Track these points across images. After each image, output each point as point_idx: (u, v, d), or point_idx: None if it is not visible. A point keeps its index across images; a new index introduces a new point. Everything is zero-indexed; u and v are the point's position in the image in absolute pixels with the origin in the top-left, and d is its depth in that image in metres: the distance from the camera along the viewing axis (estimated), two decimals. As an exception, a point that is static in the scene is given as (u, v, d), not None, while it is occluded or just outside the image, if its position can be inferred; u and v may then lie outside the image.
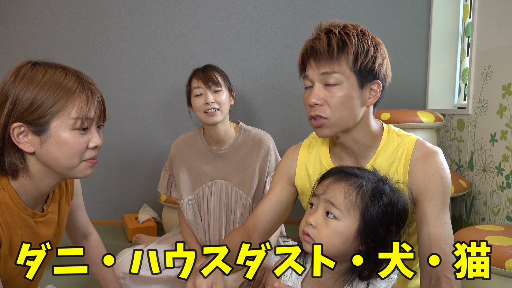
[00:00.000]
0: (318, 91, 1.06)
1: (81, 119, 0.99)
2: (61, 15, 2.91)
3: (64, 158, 0.99)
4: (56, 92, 0.96)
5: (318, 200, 0.93)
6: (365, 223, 0.88)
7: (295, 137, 2.97)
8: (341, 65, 1.05)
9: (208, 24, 2.97)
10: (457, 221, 2.74)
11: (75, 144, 0.99)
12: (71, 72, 1.01)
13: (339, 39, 1.05)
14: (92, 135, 1.03)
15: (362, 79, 1.06)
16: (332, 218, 0.89)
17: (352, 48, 1.04)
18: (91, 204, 3.04)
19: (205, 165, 1.85)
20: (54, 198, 1.14)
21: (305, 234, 0.91)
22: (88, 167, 1.04)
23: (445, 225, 1.06)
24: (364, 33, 1.08)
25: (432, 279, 1.03)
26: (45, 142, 0.97)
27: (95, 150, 1.04)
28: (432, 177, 1.08)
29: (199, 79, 1.76)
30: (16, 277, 1.06)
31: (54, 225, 1.13)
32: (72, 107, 0.97)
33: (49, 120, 0.96)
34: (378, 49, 1.08)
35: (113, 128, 2.97)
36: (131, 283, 1.71)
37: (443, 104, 3.04)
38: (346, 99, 1.06)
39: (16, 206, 1.00)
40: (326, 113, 1.07)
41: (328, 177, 0.95)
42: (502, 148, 2.32)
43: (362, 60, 1.05)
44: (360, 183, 0.91)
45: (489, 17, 2.45)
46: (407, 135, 1.16)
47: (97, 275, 1.39)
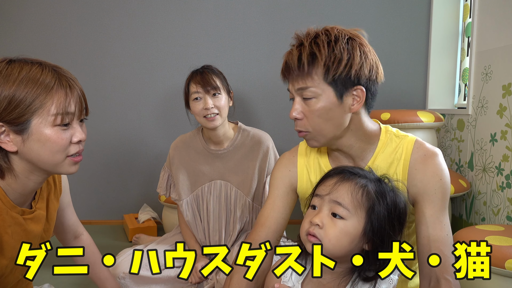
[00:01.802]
0: (297, 105, 1.07)
1: (61, 115, 0.97)
2: (61, 15, 2.91)
3: (48, 155, 0.99)
4: (33, 90, 0.95)
5: (321, 200, 0.92)
6: (372, 222, 0.89)
7: (295, 137, 2.95)
8: (313, 79, 1.03)
9: (208, 24, 2.97)
10: (457, 221, 2.74)
11: (58, 140, 0.98)
12: (47, 68, 1.00)
13: (309, 53, 1.03)
14: (75, 130, 1.01)
15: (340, 88, 1.04)
16: (339, 218, 0.89)
17: (322, 60, 1.02)
18: (91, 204, 3.04)
19: (204, 165, 1.85)
20: (42, 194, 1.14)
21: (310, 235, 0.90)
22: (71, 164, 1.03)
23: (444, 226, 1.06)
24: (337, 40, 1.03)
25: (431, 281, 1.02)
26: (27, 140, 0.97)
27: (79, 144, 1.03)
28: (432, 179, 1.07)
29: (197, 83, 1.74)
30: (8, 274, 1.06)
31: (43, 221, 1.14)
32: (51, 104, 0.96)
33: (29, 118, 0.96)
34: (355, 54, 1.03)
35: (113, 128, 2.97)
36: (131, 283, 1.71)
37: (443, 104, 3.04)
38: (324, 112, 1.05)
39: (5, 205, 1.01)
40: (306, 127, 1.07)
41: (331, 178, 0.94)
42: (502, 148, 2.32)
43: (335, 71, 1.02)
44: (364, 182, 0.92)
45: (489, 17, 2.45)
46: (406, 135, 1.15)
47: (91, 275, 1.38)
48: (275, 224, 1.20)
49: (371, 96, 1.09)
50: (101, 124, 2.96)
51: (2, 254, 1.02)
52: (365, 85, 1.06)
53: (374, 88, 1.09)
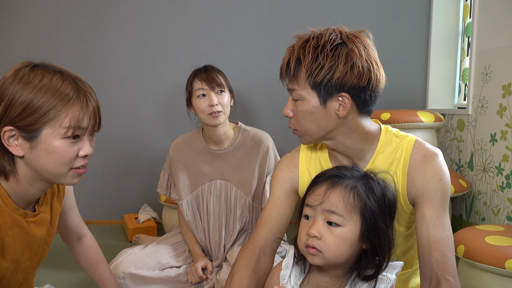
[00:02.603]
0: (289, 103, 1.13)
1: (73, 129, 0.97)
2: (61, 15, 2.91)
3: (52, 165, 0.98)
4: (51, 99, 0.95)
5: (314, 211, 0.90)
6: (366, 222, 0.88)
7: (295, 137, 2.95)
8: (299, 83, 1.07)
9: (208, 24, 2.97)
10: (457, 221, 2.74)
11: (64, 153, 0.98)
12: (68, 79, 0.99)
13: (296, 57, 1.07)
14: (83, 144, 1.01)
15: (323, 94, 1.06)
16: (335, 226, 0.88)
17: (304, 66, 1.05)
18: (91, 204, 3.04)
19: (204, 165, 1.85)
20: (46, 198, 1.13)
21: (310, 247, 0.88)
22: (75, 176, 1.03)
23: (445, 227, 1.05)
24: (325, 46, 1.04)
25: (432, 282, 1.02)
26: (35, 148, 0.96)
27: (85, 158, 1.02)
28: (431, 179, 1.07)
29: (202, 80, 1.75)
30: (9, 277, 1.05)
31: (47, 224, 1.13)
32: (65, 116, 0.96)
33: (41, 127, 0.95)
34: (339, 61, 1.03)
35: (113, 128, 2.97)
36: (131, 283, 1.71)
37: (443, 104, 3.04)
38: (307, 114, 1.09)
39: (7, 206, 1.00)
40: (295, 125, 1.14)
41: (319, 186, 0.92)
42: (502, 148, 2.32)
43: (316, 77, 1.04)
44: (352, 183, 0.90)
45: (489, 17, 2.45)
46: (406, 135, 1.14)
47: (93, 276, 1.38)
48: (275, 225, 1.21)
49: (361, 102, 1.08)
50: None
51: (3, 256, 1.01)
52: (350, 92, 1.05)
53: (365, 95, 1.07)
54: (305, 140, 1.16)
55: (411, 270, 1.25)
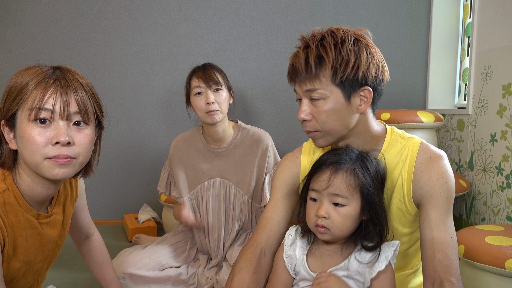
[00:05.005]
0: (305, 107, 1.08)
1: (36, 110, 0.89)
2: (61, 15, 2.91)
3: (27, 154, 0.92)
4: (25, 80, 0.91)
5: (320, 195, 1.01)
6: (365, 198, 1.00)
7: (295, 136, 2.97)
8: (321, 81, 1.05)
9: (208, 24, 2.97)
10: (457, 221, 2.74)
11: (30, 138, 0.90)
12: (59, 69, 0.96)
13: (316, 55, 1.04)
14: (57, 131, 0.91)
15: (347, 89, 1.05)
16: (341, 206, 1.00)
17: (329, 63, 1.03)
18: (91, 204, 3.04)
19: (204, 163, 1.86)
20: (59, 199, 1.12)
21: (319, 226, 1.00)
22: (53, 166, 0.92)
23: (449, 229, 1.05)
24: (344, 41, 1.05)
25: (435, 284, 1.01)
26: (17, 138, 0.93)
27: (60, 147, 0.92)
28: (437, 182, 1.07)
29: (199, 78, 1.76)
30: (20, 278, 1.05)
31: (59, 226, 1.12)
32: (34, 97, 0.90)
33: (15, 110, 0.91)
34: (361, 55, 1.05)
35: (113, 128, 2.97)
36: (131, 283, 1.71)
37: (443, 104, 3.04)
38: (332, 112, 1.06)
39: (21, 207, 0.99)
40: (315, 127, 1.09)
41: (323, 172, 1.02)
42: (502, 148, 2.32)
43: (342, 73, 1.03)
44: (351, 166, 1.01)
45: (489, 17, 2.46)
46: (411, 137, 1.15)
47: (98, 275, 1.39)
48: (276, 226, 1.21)
49: (377, 96, 1.11)
50: (101, 124, 2.95)
51: (16, 256, 1.00)
52: (372, 85, 1.08)
53: (380, 88, 1.11)
54: (325, 141, 1.11)
55: (411, 271, 1.25)
